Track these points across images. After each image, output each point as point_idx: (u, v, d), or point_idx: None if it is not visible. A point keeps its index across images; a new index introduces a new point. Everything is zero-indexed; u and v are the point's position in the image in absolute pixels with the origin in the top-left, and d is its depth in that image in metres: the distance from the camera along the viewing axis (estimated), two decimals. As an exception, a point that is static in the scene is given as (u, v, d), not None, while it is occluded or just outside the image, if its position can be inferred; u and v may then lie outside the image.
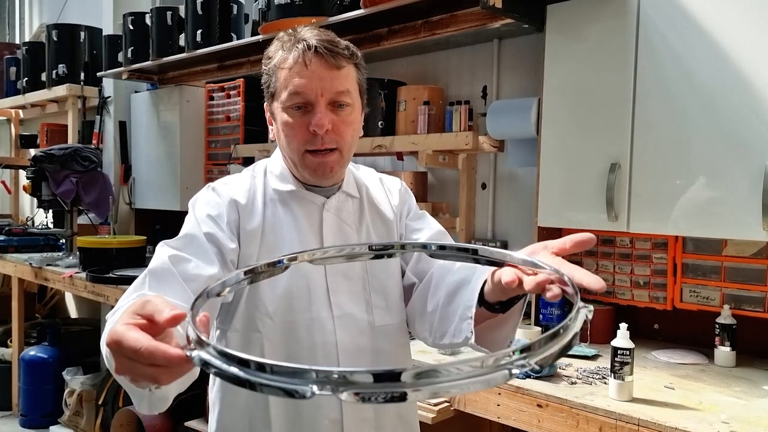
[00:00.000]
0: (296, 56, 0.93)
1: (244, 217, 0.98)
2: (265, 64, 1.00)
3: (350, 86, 0.97)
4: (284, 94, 0.95)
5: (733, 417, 1.30)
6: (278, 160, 1.05)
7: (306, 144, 0.95)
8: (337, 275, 1.00)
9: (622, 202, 1.72)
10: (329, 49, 0.93)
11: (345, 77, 0.95)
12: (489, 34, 2.23)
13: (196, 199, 1.02)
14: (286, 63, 0.94)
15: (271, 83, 0.98)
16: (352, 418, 0.99)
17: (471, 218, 2.39)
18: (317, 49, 0.92)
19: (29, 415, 3.52)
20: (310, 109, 0.94)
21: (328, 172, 0.99)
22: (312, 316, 0.98)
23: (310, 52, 0.92)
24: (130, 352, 0.55)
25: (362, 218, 1.06)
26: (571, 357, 1.72)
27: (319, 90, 0.93)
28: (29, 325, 4.03)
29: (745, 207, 1.52)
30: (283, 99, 0.95)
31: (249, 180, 1.03)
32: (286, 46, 0.96)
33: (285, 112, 0.96)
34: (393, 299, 1.06)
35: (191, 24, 2.88)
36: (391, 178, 1.17)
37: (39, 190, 3.41)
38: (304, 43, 0.93)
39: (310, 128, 0.94)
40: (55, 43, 3.89)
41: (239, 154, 3.10)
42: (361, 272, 1.03)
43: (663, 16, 1.66)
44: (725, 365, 1.69)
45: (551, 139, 1.88)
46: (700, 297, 1.82)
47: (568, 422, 1.38)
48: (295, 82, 0.93)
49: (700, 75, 1.60)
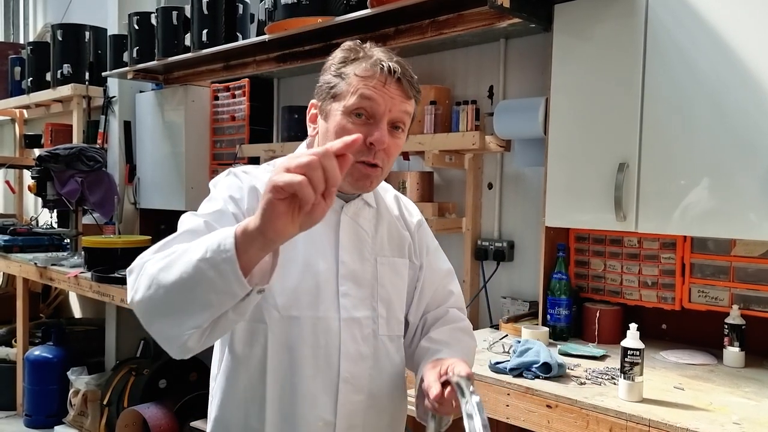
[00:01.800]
0: (376, 72, 0.97)
1: None
2: (335, 66, 1.01)
3: (409, 116, 1.01)
4: (352, 99, 0.97)
5: (744, 418, 1.30)
6: None
7: (358, 154, 0.96)
8: (348, 279, 1.02)
9: (631, 202, 1.72)
10: (408, 79, 0.98)
11: (410, 107, 1.00)
12: (496, 33, 2.23)
13: (217, 182, 1.04)
14: (365, 73, 0.97)
15: (338, 85, 0.99)
16: (344, 423, 1.00)
17: (477, 218, 2.39)
18: (398, 75, 0.97)
19: (34, 415, 3.53)
20: (372, 122, 0.97)
21: (368, 185, 1.01)
22: (318, 315, 0.99)
23: (392, 77, 0.97)
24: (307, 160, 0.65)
25: (378, 227, 1.09)
26: (580, 358, 1.71)
27: (389, 107, 0.97)
28: (34, 325, 4.04)
29: (753, 207, 1.52)
30: (348, 103, 0.97)
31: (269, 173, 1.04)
32: (366, 60, 0.98)
33: (345, 117, 0.98)
34: (395, 312, 1.09)
35: (197, 24, 2.88)
36: (408, 200, 1.22)
37: (44, 190, 3.41)
38: (388, 65, 0.97)
39: (367, 140, 0.96)
40: (59, 42, 3.90)
41: (244, 154, 3.10)
42: (371, 280, 1.05)
43: (671, 16, 1.65)
44: (734, 366, 1.68)
45: (559, 139, 1.88)
46: (708, 297, 1.81)
47: (577, 423, 1.38)
48: (368, 93, 0.96)
49: (709, 75, 1.59)
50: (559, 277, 1.93)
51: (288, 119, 2.85)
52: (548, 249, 1.97)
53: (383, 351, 1.05)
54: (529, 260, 2.24)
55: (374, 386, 1.03)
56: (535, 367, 1.53)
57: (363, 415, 1.02)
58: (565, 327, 1.92)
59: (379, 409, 1.05)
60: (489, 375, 1.56)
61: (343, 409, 0.99)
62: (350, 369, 1.00)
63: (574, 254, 2.08)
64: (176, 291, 0.79)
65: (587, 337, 1.93)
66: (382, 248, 1.08)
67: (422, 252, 1.15)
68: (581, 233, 2.06)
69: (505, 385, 1.51)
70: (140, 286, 0.83)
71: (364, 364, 1.01)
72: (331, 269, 1.01)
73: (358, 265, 1.04)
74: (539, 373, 1.51)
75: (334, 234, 1.03)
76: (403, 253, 1.11)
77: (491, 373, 1.57)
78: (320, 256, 1.01)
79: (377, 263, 1.06)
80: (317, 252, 1.01)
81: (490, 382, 1.54)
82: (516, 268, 2.30)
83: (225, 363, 1.03)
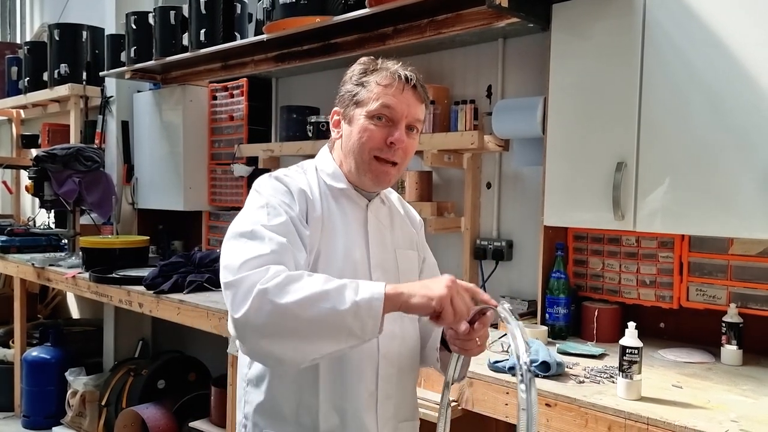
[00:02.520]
0: (396, 81, 1.11)
1: (311, 206, 1.11)
2: (357, 76, 1.15)
3: (422, 119, 1.16)
4: (374, 105, 1.10)
5: (742, 415, 1.30)
6: (329, 161, 1.19)
7: (378, 151, 1.11)
8: (378, 267, 1.16)
9: (629, 201, 1.72)
10: (421, 86, 1.13)
11: (423, 111, 1.15)
12: (494, 33, 2.23)
13: (264, 185, 1.11)
14: (385, 81, 1.11)
15: (361, 92, 1.12)
16: (383, 393, 1.14)
17: (476, 218, 2.39)
18: (413, 82, 1.11)
19: (32, 416, 3.52)
20: (392, 125, 1.11)
21: (387, 182, 1.16)
22: None
23: (408, 84, 1.11)
24: (470, 291, 0.98)
25: (393, 222, 1.24)
26: (578, 356, 1.72)
27: (406, 112, 1.11)
28: (31, 325, 4.02)
29: (751, 205, 1.52)
30: (371, 108, 1.10)
31: (303, 175, 1.17)
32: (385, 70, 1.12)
33: (368, 120, 1.11)
34: None
35: (195, 23, 2.88)
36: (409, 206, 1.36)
37: (41, 190, 3.40)
38: (404, 74, 1.11)
39: (387, 140, 1.10)
40: (56, 42, 3.89)
41: (243, 154, 3.10)
42: (394, 267, 1.19)
43: (669, 15, 1.66)
44: (732, 364, 1.69)
45: (557, 138, 1.88)
46: (706, 296, 1.82)
47: (576, 421, 1.38)
48: (389, 100, 1.10)
49: (706, 74, 1.60)
50: (558, 276, 1.94)
51: (286, 119, 2.85)
52: (547, 248, 1.98)
53: (407, 330, 1.19)
54: (528, 259, 2.25)
55: (402, 360, 1.18)
56: (534, 365, 1.53)
57: (395, 386, 1.16)
58: (563, 326, 1.93)
59: (405, 380, 1.19)
60: (488, 374, 1.56)
61: (382, 382, 1.13)
62: (387, 345, 1.13)
63: (573, 253, 2.08)
64: (309, 325, 0.92)
65: (586, 336, 1.94)
66: (398, 241, 1.23)
67: (424, 246, 1.31)
68: (580, 232, 2.06)
69: (504, 384, 1.51)
70: (254, 306, 0.91)
71: (395, 341, 1.15)
72: (364, 259, 1.15)
73: (383, 255, 1.18)
74: (538, 371, 1.52)
75: (363, 228, 1.17)
76: (413, 246, 1.27)
77: (490, 372, 1.57)
78: (355, 247, 1.14)
79: (397, 254, 1.21)
80: (353, 244, 1.14)
81: (488, 381, 1.54)
82: (515, 267, 2.31)
83: None
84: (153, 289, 2.57)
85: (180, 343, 3.56)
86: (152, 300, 2.57)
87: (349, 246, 1.12)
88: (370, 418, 1.11)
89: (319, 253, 1.09)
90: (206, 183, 3.40)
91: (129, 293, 2.69)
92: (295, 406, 1.09)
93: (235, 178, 3.19)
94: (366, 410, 1.11)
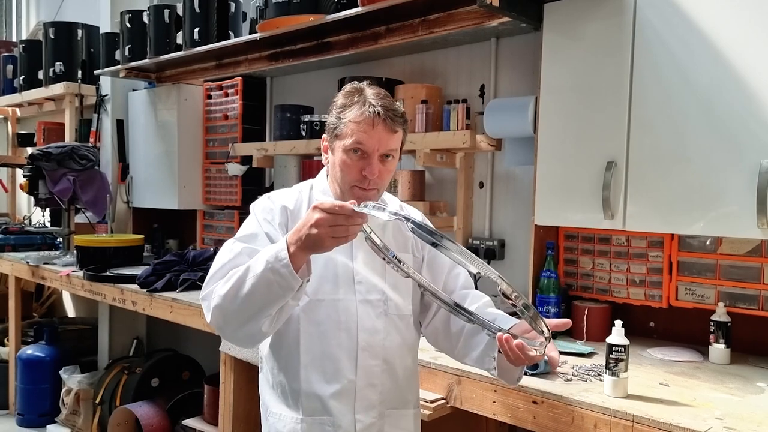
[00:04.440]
0: (366, 117, 1.20)
1: (291, 219, 1.27)
2: (336, 111, 1.24)
3: (397, 146, 1.25)
4: (349, 141, 1.21)
5: (727, 413, 1.31)
6: (323, 181, 1.34)
7: (356, 182, 1.23)
8: (362, 266, 1.28)
9: (618, 200, 1.73)
10: (391, 117, 1.21)
11: (396, 139, 1.24)
12: (486, 32, 2.24)
13: (256, 205, 1.32)
14: (357, 119, 1.20)
15: (339, 127, 1.23)
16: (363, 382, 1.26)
17: (468, 217, 2.40)
18: (384, 117, 1.20)
19: (26, 414, 3.52)
20: (366, 157, 1.21)
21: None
22: (339, 297, 1.26)
23: (378, 118, 1.19)
24: (333, 209, 1.03)
25: (385, 228, 1.30)
26: (567, 354, 1.72)
27: (377, 146, 1.20)
28: (26, 324, 4.03)
29: (740, 205, 1.53)
30: (346, 144, 1.21)
31: (297, 193, 1.33)
32: (358, 105, 1.21)
33: (345, 154, 1.22)
34: (404, 294, 1.32)
35: (189, 22, 2.88)
36: (412, 208, 1.43)
37: (36, 189, 3.40)
38: (374, 109, 1.20)
39: (362, 172, 1.21)
40: (52, 41, 3.89)
41: (237, 153, 3.10)
42: (380, 268, 1.29)
43: (659, 15, 1.67)
44: (720, 362, 1.70)
45: (548, 138, 1.89)
46: (695, 295, 1.83)
47: (563, 419, 1.39)
48: (361, 137, 1.20)
49: (696, 74, 1.61)
50: (548, 275, 1.95)
51: (280, 118, 2.85)
52: (537, 247, 1.99)
53: (394, 326, 1.29)
54: (520, 259, 2.25)
55: (387, 354, 1.28)
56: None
57: (380, 376, 1.28)
58: (553, 324, 1.94)
59: (393, 372, 1.29)
60: (476, 372, 1.56)
61: (362, 371, 1.26)
62: (367, 339, 1.26)
63: (564, 253, 2.09)
64: (250, 297, 1.10)
65: (576, 335, 1.95)
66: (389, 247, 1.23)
67: (423, 246, 1.34)
68: (570, 232, 2.07)
69: (492, 381, 1.52)
70: (216, 305, 1.15)
71: (378, 336, 1.27)
72: (347, 261, 1.27)
73: (369, 257, 1.26)
74: (526, 369, 1.52)
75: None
76: (407, 249, 1.34)
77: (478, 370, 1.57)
78: (339, 251, 1.20)
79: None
80: (336, 253, 1.21)
81: (476, 378, 1.55)
82: (507, 266, 2.31)
83: (271, 339, 1.30)
84: (146, 288, 2.58)
85: (174, 342, 3.57)
86: (145, 298, 2.57)
87: (330, 255, 1.19)
88: (347, 404, 1.25)
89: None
90: (201, 182, 3.40)
91: (122, 291, 2.70)
92: (286, 390, 1.28)
93: (229, 177, 3.19)
94: (343, 397, 1.25)
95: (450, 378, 1.60)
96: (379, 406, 1.28)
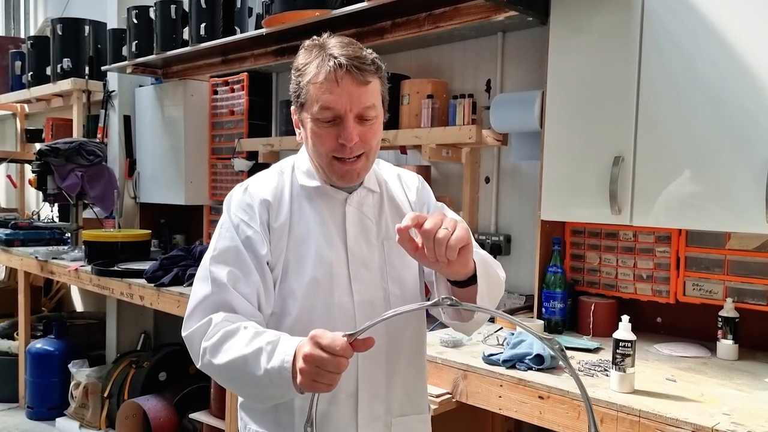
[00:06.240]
0: (327, 73, 0.99)
1: (273, 215, 1.08)
2: (295, 75, 1.05)
3: (375, 100, 1.04)
4: (315, 108, 1.01)
5: (734, 409, 1.30)
6: (305, 158, 1.14)
7: (334, 152, 1.03)
8: (358, 265, 1.10)
9: (626, 195, 1.72)
10: (358, 67, 0.99)
11: (371, 92, 1.03)
12: (493, 27, 2.22)
13: (231, 200, 1.12)
14: (317, 78, 1.00)
15: (302, 94, 1.04)
16: (367, 393, 1.09)
17: (474, 212, 2.39)
18: (347, 67, 0.99)
19: (36, 407, 3.56)
20: (339, 122, 1.01)
21: (355, 178, 1.08)
22: (334, 300, 1.08)
23: (341, 71, 0.99)
24: (328, 348, 0.86)
25: (382, 212, 1.15)
26: (574, 350, 1.72)
27: (348, 105, 1.00)
28: (35, 318, 4.07)
29: (748, 200, 1.52)
30: (313, 112, 1.02)
31: (277, 177, 1.13)
32: (316, 61, 1.01)
33: (314, 124, 1.03)
34: (409, 289, 1.14)
35: (195, 17, 2.88)
36: (410, 174, 1.24)
37: (44, 184, 3.43)
38: (334, 61, 0.99)
39: (339, 140, 1.02)
40: (59, 37, 3.90)
41: (243, 149, 3.11)
42: (379, 263, 1.12)
43: (667, 9, 1.65)
44: (728, 358, 1.69)
45: (555, 133, 1.88)
46: (703, 290, 1.82)
47: (569, 414, 1.39)
48: (326, 98, 1.00)
49: (705, 68, 1.59)
50: (555, 270, 1.94)
51: (286, 113, 2.85)
52: (544, 243, 1.98)
53: (399, 326, 1.11)
54: (526, 254, 2.25)
55: (392, 358, 1.11)
56: (528, 358, 1.54)
57: (385, 385, 1.11)
58: (560, 320, 1.93)
59: (399, 378, 1.13)
60: (482, 366, 1.57)
61: (365, 382, 1.09)
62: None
63: (570, 248, 2.08)
64: (241, 384, 1.02)
65: (582, 330, 1.94)
66: (387, 231, 1.13)
67: (422, 211, 1.18)
68: (577, 227, 2.06)
69: (498, 376, 1.52)
70: (208, 370, 1.05)
71: (380, 341, 1.04)
72: (341, 258, 1.09)
73: (365, 251, 1.10)
74: (532, 364, 1.53)
75: (341, 225, 1.10)
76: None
77: (484, 364, 1.58)
78: (330, 247, 1.08)
79: (384, 247, 1.12)
80: (327, 244, 1.08)
81: (483, 373, 1.55)
82: (513, 261, 2.31)
83: None
84: (153, 282, 2.59)
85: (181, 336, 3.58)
86: (153, 293, 2.59)
87: (323, 247, 1.07)
88: (349, 418, 1.09)
89: (288, 261, 1.07)
90: (207, 177, 3.41)
91: (130, 286, 2.72)
92: (278, 406, 1.10)
93: (235, 173, 3.21)
94: (343, 411, 1.09)
95: (456, 373, 1.60)
96: (385, 417, 1.12)
